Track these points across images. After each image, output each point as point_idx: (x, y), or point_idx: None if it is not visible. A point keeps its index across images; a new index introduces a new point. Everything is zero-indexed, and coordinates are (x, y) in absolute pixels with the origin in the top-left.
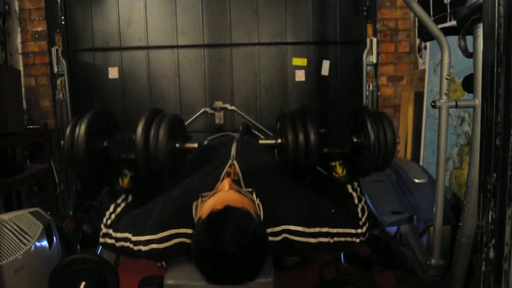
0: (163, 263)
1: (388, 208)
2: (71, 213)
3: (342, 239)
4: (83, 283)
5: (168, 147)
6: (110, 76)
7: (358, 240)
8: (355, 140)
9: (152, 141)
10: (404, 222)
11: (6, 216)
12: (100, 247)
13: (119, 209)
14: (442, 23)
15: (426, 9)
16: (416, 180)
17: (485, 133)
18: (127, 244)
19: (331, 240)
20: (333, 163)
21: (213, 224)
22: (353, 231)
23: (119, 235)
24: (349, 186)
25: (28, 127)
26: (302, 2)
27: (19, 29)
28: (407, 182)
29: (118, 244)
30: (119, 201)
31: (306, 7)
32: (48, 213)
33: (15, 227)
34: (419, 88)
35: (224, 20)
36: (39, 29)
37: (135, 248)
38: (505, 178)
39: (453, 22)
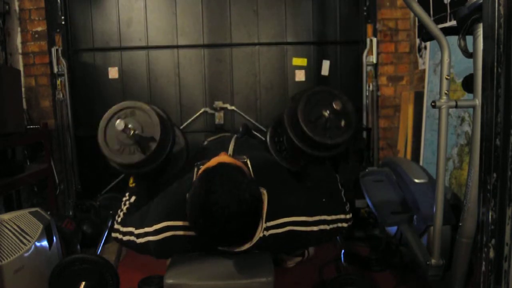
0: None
1: (388, 208)
2: (71, 213)
3: (336, 225)
4: (83, 283)
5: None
6: (110, 76)
7: (346, 225)
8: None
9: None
10: (404, 222)
11: (6, 216)
12: (100, 249)
13: (125, 208)
14: (442, 23)
15: (426, 9)
16: (416, 180)
17: (485, 133)
18: (132, 238)
19: (328, 227)
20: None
21: (207, 178)
22: (342, 216)
23: (125, 229)
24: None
25: (28, 127)
26: (302, 2)
27: (19, 29)
28: (407, 182)
29: (125, 238)
30: (124, 199)
31: (306, 7)
32: (48, 213)
33: (15, 227)
34: (419, 88)
35: (224, 20)
36: (39, 29)
37: (138, 241)
38: (505, 178)
39: (453, 22)
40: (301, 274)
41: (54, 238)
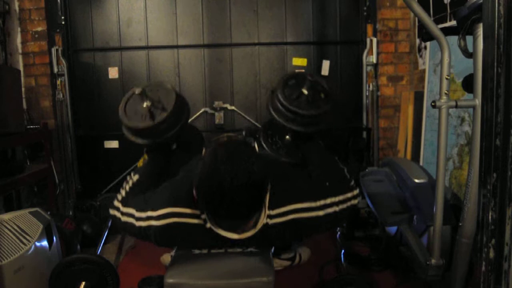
0: (165, 259)
1: (388, 208)
2: (71, 213)
3: (345, 205)
4: (83, 283)
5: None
6: (110, 76)
7: (356, 202)
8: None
9: None
10: (404, 222)
11: (6, 216)
12: (100, 249)
13: (127, 186)
14: (442, 23)
15: (426, 9)
16: (416, 180)
17: (485, 133)
18: (130, 220)
19: (337, 209)
20: None
21: (216, 151)
22: (350, 195)
23: (125, 209)
24: None
25: (28, 127)
26: (302, 2)
27: (19, 29)
28: (407, 182)
29: (123, 218)
30: (128, 178)
31: (306, 7)
32: (48, 213)
33: (15, 227)
34: (419, 88)
35: (224, 20)
36: (39, 29)
37: (137, 224)
38: (505, 178)
39: (453, 22)
40: (301, 274)
41: (54, 238)
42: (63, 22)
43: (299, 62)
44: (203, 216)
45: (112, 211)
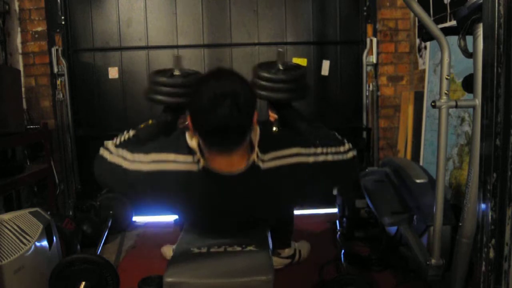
0: (166, 251)
1: (388, 208)
2: (71, 213)
3: (340, 157)
4: (83, 283)
5: None
6: (110, 76)
7: (352, 155)
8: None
9: None
10: (404, 222)
11: (6, 216)
12: (100, 249)
13: (122, 137)
14: (442, 23)
15: (426, 9)
16: (416, 180)
17: (485, 133)
18: (119, 161)
19: (329, 158)
20: None
21: (210, 72)
22: (342, 148)
23: (116, 151)
24: None
25: (28, 127)
26: (302, 2)
27: (19, 29)
28: (407, 182)
29: (112, 158)
30: (125, 132)
31: (306, 7)
32: (48, 213)
33: (15, 227)
34: (419, 88)
35: (224, 20)
36: (39, 29)
37: (124, 165)
38: (505, 178)
39: (453, 22)
40: (301, 273)
41: (54, 238)
42: (63, 22)
43: (299, 62)
44: (195, 157)
45: (102, 151)
